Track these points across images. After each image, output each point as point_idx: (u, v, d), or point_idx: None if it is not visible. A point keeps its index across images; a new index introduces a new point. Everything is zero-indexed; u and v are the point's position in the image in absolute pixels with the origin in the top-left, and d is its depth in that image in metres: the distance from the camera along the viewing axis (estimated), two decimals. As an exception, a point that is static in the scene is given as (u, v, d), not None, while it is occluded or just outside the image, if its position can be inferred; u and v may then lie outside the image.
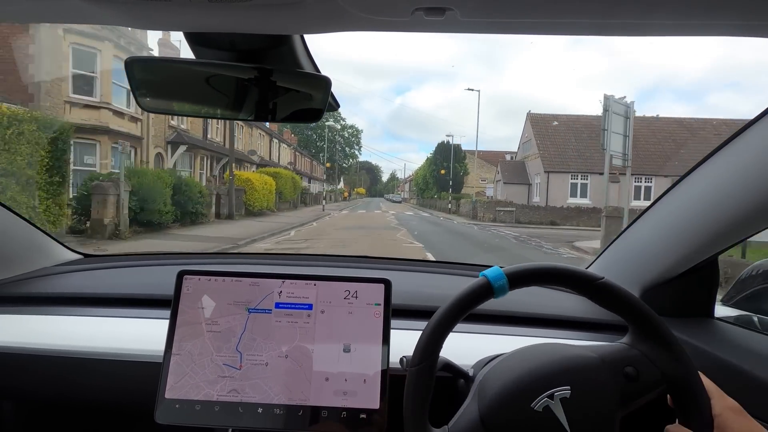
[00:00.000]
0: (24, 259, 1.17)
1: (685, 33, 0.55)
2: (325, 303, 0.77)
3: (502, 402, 0.62)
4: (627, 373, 0.61)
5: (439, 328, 0.63)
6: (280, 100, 0.73)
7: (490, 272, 0.63)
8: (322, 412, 0.71)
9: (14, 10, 0.61)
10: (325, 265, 1.41)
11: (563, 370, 0.62)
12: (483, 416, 0.62)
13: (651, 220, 1.05)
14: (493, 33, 0.58)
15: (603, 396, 0.60)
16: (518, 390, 0.62)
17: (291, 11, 0.52)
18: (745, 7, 0.48)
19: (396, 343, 0.74)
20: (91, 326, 0.96)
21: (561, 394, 0.60)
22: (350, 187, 78.66)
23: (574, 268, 0.65)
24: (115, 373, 0.88)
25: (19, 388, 0.93)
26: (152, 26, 0.61)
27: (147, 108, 0.76)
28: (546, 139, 27.17)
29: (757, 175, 0.77)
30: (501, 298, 0.65)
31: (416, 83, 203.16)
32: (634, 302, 0.63)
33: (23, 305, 1.03)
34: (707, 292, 1.03)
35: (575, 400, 0.59)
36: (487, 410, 0.62)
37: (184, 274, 0.78)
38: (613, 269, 1.13)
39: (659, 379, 0.61)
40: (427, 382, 0.62)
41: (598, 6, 0.48)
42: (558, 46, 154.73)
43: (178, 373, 0.73)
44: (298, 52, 0.69)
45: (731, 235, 0.88)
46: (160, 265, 1.32)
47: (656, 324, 0.62)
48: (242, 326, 0.75)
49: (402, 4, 0.49)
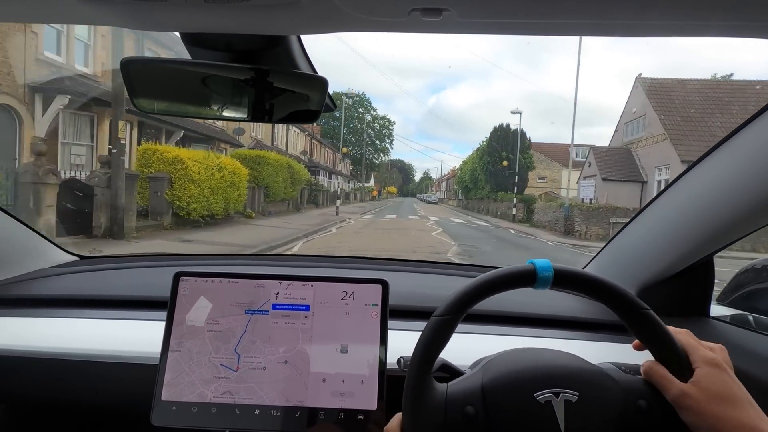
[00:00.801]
0: (19, 261, 1.16)
1: (683, 33, 0.55)
2: (322, 304, 0.77)
3: (507, 380, 0.63)
4: (639, 406, 0.61)
5: (471, 293, 0.63)
6: (276, 100, 0.73)
7: (539, 261, 0.63)
8: (319, 414, 0.71)
9: (11, 11, 0.61)
10: (322, 265, 1.41)
11: (578, 378, 0.63)
12: (484, 385, 0.63)
13: (647, 219, 1.05)
14: (490, 33, 0.58)
15: (607, 415, 0.60)
16: (528, 376, 0.63)
17: (287, 12, 0.52)
18: (744, 7, 0.48)
19: (393, 343, 0.74)
20: (86, 328, 0.96)
21: (567, 397, 0.60)
22: (381, 185, 72.95)
23: (625, 290, 0.64)
24: (111, 375, 0.88)
25: (13, 390, 0.92)
26: (149, 27, 0.61)
27: (143, 109, 0.76)
28: (674, 114, 17.88)
29: (752, 174, 0.77)
30: (500, 297, 0.65)
31: (452, 82, 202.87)
32: (669, 341, 0.62)
33: (18, 307, 1.03)
34: (703, 291, 1.03)
35: (579, 408, 0.60)
36: (490, 382, 0.63)
37: (181, 275, 0.78)
38: (610, 268, 1.14)
39: (668, 410, 0.61)
40: (445, 335, 0.63)
41: (595, 6, 0.49)
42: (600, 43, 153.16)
43: (175, 370, 0.73)
44: (294, 52, 0.69)
45: (727, 234, 0.88)
46: (156, 267, 1.32)
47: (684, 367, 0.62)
48: (243, 328, 0.75)
49: (399, 5, 0.49)
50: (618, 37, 0.59)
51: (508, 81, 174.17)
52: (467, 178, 37.35)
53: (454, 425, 0.61)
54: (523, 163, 28.87)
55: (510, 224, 20.79)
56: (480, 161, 33.49)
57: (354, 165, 53.26)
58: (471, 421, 0.61)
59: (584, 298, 1.06)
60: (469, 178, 36.39)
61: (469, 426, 0.61)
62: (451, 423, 0.61)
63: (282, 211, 18.08)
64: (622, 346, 0.95)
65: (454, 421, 0.61)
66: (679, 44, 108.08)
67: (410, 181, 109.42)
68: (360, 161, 52.15)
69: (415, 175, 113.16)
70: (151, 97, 0.76)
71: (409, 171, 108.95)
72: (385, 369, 0.73)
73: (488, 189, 31.19)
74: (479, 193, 33.70)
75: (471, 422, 0.61)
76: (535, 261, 0.63)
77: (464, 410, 0.61)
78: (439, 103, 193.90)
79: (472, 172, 35.38)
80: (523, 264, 0.64)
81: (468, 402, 0.62)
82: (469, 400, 0.62)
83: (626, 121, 22.28)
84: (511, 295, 0.68)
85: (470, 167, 36.88)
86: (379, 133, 62.66)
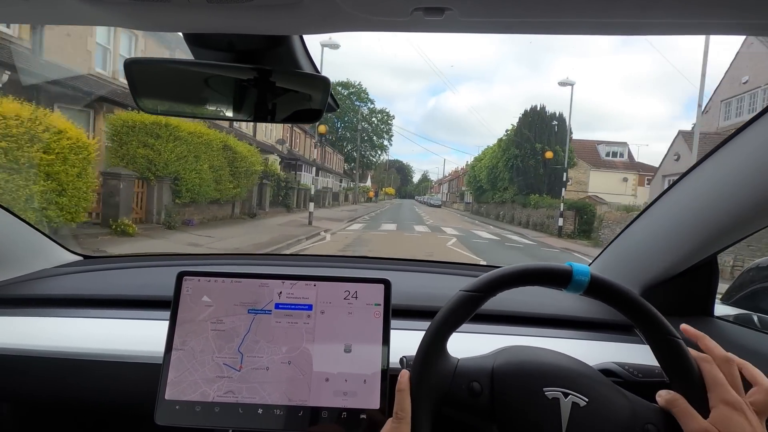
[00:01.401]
0: (23, 261, 1.17)
1: (684, 32, 0.55)
2: (324, 303, 0.77)
3: (519, 368, 0.64)
4: (647, 429, 0.60)
5: (505, 277, 0.64)
6: (279, 100, 0.73)
7: (577, 265, 0.63)
8: (322, 413, 0.71)
9: (12, 11, 0.61)
10: (325, 265, 1.41)
11: (591, 386, 0.63)
12: (495, 367, 0.64)
13: (651, 218, 1.05)
14: (493, 33, 0.58)
15: (611, 429, 0.60)
16: (541, 370, 0.64)
17: (289, 12, 0.52)
18: (745, 6, 0.48)
19: (396, 343, 0.75)
20: (90, 328, 0.96)
21: (576, 400, 0.61)
22: (378, 185, 66.67)
23: (660, 316, 0.63)
24: (115, 374, 0.88)
25: (18, 390, 0.93)
26: (151, 27, 0.61)
27: (147, 110, 0.76)
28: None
29: (755, 173, 0.77)
30: (501, 297, 0.65)
31: (452, 84, 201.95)
32: (693, 376, 0.61)
33: (22, 307, 1.03)
34: (707, 290, 1.03)
35: (585, 413, 0.60)
36: (502, 366, 0.64)
37: (184, 275, 0.78)
38: (614, 268, 1.14)
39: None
40: (468, 310, 0.64)
41: (597, 5, 0.48)
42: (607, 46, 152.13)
43: (178, 369, 0.73)
44: (296, 52, 0.69)
45: (731, 233, 0.88)
46: (160, 267, 1.32)
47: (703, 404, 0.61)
48: (246, 327, 0.75)
49: (401, 4, 0.49)
50: (620, 36, 0.58)
51: (510, 84, 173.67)
52: (483, 176, 29.71)
53: (457, 396, 0.62)
54: (560, 156, 20.93)
55: (558, 240, 15.00)
56: (503, 156, 25.60)
57: (348, 162, 48.00)
58: (475, 396, 0.62)
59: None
60: (486, 177, 28.77)
61: (472, 401, 0.62)
62: (455, 393, 0.62)
63: (219, 219, 12.03)
64: (625, 345, 0.95)
65: (458, 393, 0.62)
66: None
67: (408, 183, 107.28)
68: (355, 158, 46.47)
69: (413, 177, 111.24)
70: (153, 97, 0.76)
71: (407, 172, 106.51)
72: (388, 368, 0.73)
73: (513, 191, 24.42)
74: (499, 195, 26.59)
75: (474, 398, 0.62)
76: (574, 264, 0.64)
77: (470, 385, 0.62)
78: (439, 105, 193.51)
79: (491, 170, 27.94)
80: (561, 264, 0.64)
81: (476, 378, 0.63)
82: (478, 377, 0.63)
83: (726, 98, 15.31)
84: (514, 294, 0.68)
85: (488, 163, 28.94)
86: (377, 128, 53.75)
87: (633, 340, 0.97)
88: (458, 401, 0.62)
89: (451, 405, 0.63)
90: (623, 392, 0.64)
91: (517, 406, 0.61)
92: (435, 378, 0.62)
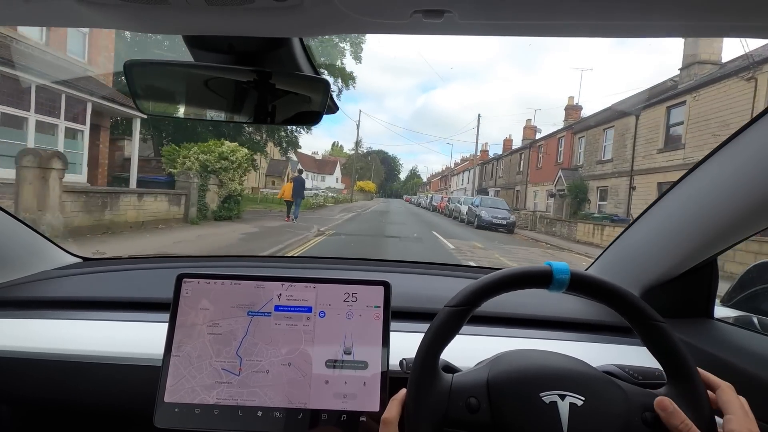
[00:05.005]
0: (23, 263, 1.17)
1: (683, 34, 0.55)
2: (324, 305, 0.77)
3: (513, 376, 0.63)
4: (645, 418, 0.61)
5: (486, 287, 0.64)
6: (279, 102, 0.73)
7: (556, 264, 0.63)
8: (321, 415, 0.71)
9: (11, 14, 0.61)
10: (325, 267, 1.41)
11: (585, 383, 0.63)
12: (490, 379, 0.63)
13: (650, 221, 1.05)
14: (492, 35, 0.58)
15: (611, 423, 0.60)
16: (535, 375, 0.63)
17: (289, 14, 0.52)
18: (745, 8, 0.48)
19: (396, 345, 0.74)
20: (90, 330, 0.96)
21: (572, 400, 0.60)
22: (351, 179, 46.37)
23: (642, 302, 0.64)
24: (114, 376, 0.88)
25: (17, 392, 0.92)
26: (151, 29, 0.61)
27: (147, 111, 0.76)
28: None
29: (755, 175, 0.77)
30: (500, 300, 0.65)
31: (443, 81, 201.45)
32: (684, 358, 0.61)
33: (22, 309, 1.03)
34: (706, 292, 1.03)
35: (583, 412, 0.60)
36: (496, 377, 0.63)
37: (183, 277, 0.78)
38: (613, 270, 1.14)
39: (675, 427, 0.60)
40: (454, 326, 0.64)
41: (596, 8, 0.48)
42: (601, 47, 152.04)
43: (175, 376, 0.73)
44: (296, 54, 0.69)
45: (730, 235, 0.88)
46: (159, 269, 1.32)
47: (696, 387, 0.61)
48: (244, 330, 0.75)
49: (400, 7, 0.49)
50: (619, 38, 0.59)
51: (501, 83, 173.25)
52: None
53: (456, 415, 0.61)
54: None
55: None
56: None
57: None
58: (474, 412, 0.61)
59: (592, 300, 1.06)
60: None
61: (472, 417, 0.61)
62: (453, 412, 0.61)
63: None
64: (624, 347, 0.95)
65: (456, 411, 0.61)
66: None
67: (395, 179, 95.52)
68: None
69: (401, 172, 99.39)
70: (153, 99, 0.76)
71: (393, 165, 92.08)
72: (388, 370, 0.73)
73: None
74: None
75: (473, 413, 0.61)
76: (552, 263, 0.64)
77: (468, 401, 0.62)
78: (428, 103, 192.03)
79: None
80: (540, 264, 0.64)
81: (472, 394, 0.62)
82: (474, 392, 0.63)
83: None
84: (512, 297, 0.68)
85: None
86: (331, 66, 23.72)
87: (633, 342, 0.97)
88: (458, 420, 0.61)
89: (451, 425, 0.62)
90: (617, 383, 0.64)
91: (517, 416, 0.61)
92: (431, 402, 0.61)
